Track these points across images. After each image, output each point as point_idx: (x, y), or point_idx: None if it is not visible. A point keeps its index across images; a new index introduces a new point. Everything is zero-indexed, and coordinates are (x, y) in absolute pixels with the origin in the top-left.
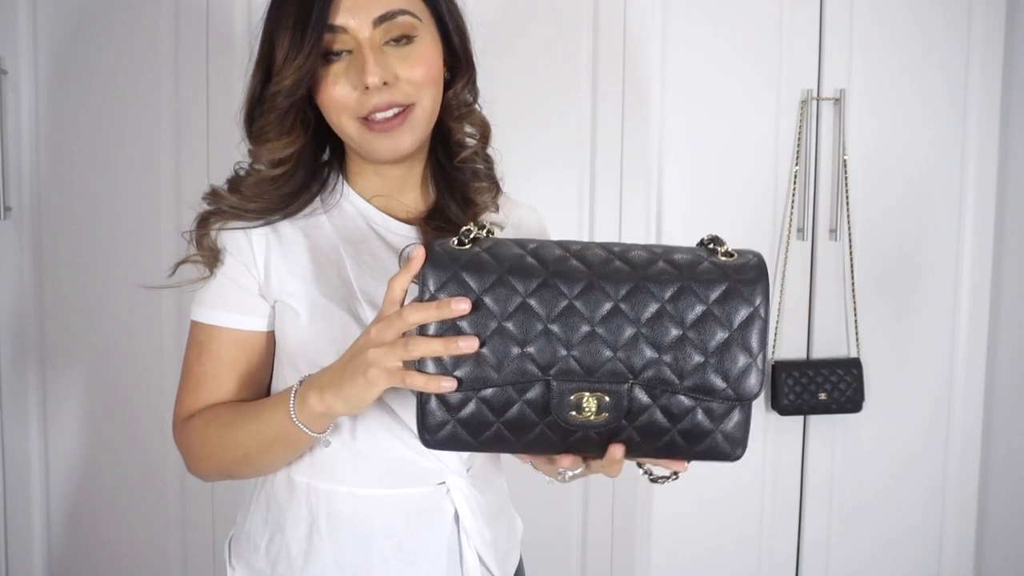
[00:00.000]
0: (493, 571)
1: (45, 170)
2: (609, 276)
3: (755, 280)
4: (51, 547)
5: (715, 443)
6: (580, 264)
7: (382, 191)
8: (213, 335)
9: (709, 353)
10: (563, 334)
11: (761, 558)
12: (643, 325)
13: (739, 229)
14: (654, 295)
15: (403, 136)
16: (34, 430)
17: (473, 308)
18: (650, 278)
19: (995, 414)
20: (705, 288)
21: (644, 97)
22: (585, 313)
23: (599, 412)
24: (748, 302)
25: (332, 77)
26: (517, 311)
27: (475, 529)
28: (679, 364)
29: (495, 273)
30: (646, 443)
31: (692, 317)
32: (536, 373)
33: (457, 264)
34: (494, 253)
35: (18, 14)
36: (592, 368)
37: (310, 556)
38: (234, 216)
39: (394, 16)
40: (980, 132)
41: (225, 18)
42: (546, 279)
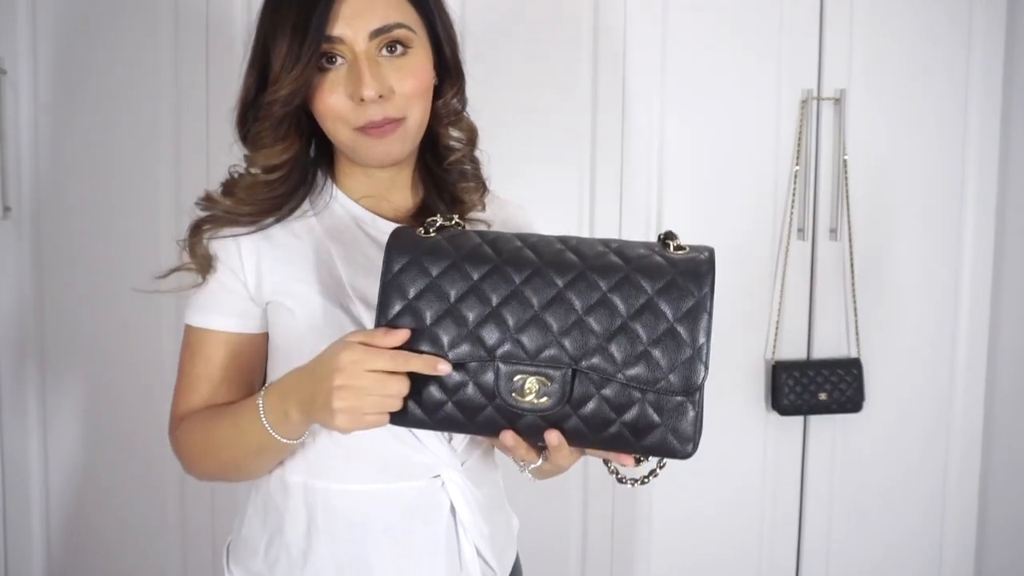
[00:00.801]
0: (492, 564)
1: (45, 170)
2: (556, 264)
3: (700, 273)
4: (50, 548)
5: (663, 438)
6: (531, 253)
7: (371, 192)
8: (205, 338)
9: (650, 343)
10: (509, 318)
11: (761, 558)
12: (585, 313)
13: (739, 229)
14: (597, 284)
15: (394, 144)
16: (33, 430)
17: (428, 290)
18: (595, 268)
19: (995, 414)
20: (649, 279)
21: (644, 97)
22: (531, 299)
23: (540, 396)
24: (691, 294)
25: (328, 86)
26: (468, 294)
27: (472, 523)
28: (619, 353)
29: (451, 258)
30: (592, 433)
31: (634, 307)
32: (483, 354)
33: (419, 249)
34: (453, 241)
35: (18, 14)
36: (534, 352)
37: (309, 555)
38: (227, 223)
39: (390, 29)
40: (980, 132)
41: (225, 18)
42: (497, 265)
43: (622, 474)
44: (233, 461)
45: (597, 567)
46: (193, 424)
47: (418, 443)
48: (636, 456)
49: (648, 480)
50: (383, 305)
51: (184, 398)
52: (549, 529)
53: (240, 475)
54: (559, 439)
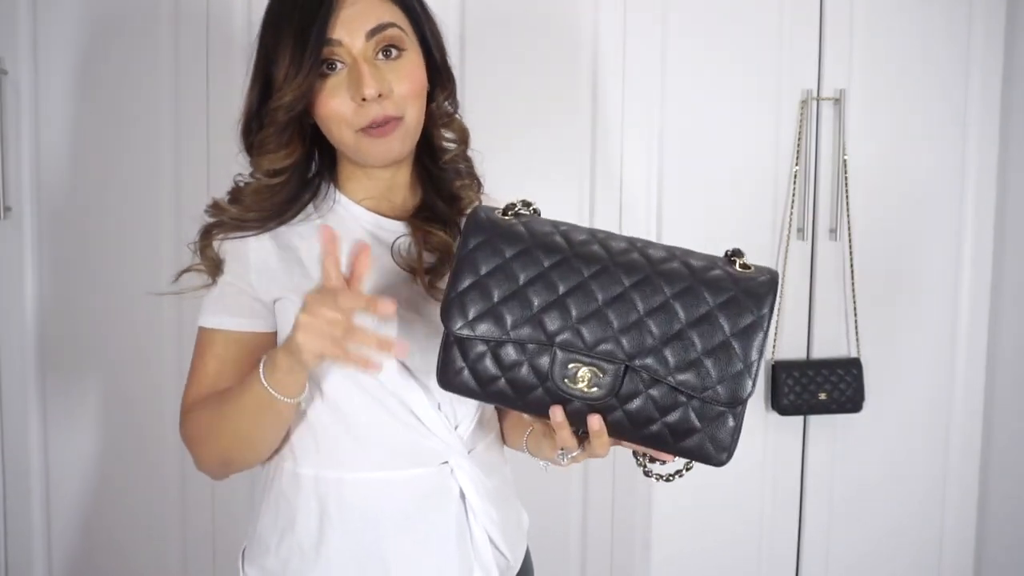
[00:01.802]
0: (504, 551)
1: (45, 170)
2: (624, 264)
3: (763, 293)
4: (51, 548)
5: (701, 443)
6: (601, 249)
7: (372, 193)
8: (215, 338)
9: (704, 352)
10: (573, 308)
11: (761, 558)
12: (646, 314)
13: (739, 229)
14: (662, 289)
15: (394, 143)
16: (34, 430)
17: (499, 270)
18: (662, 273)
19: (995, 414)
20: (712, 292)
21: (644, 97)
22: (596, 293)
23: (591, 385)
24: (751, 311)
25: (330, 91)
26: (537, 279)
27: (482, 509)
28: (674, 357)
29: (524, 243)
30: (634, 428)
31: (694, 315)
32: (542, 338)
33: (496, 230)
34: (529, 227)
35: (18, 14)
36: (592, 344)
37: (322, 546)
38: (234, 228)
39: (384, 28)
40: (980, 132)
41: (225, 19)
42: (567, 257)
43: (649, 468)
44: (236, 432)
45: (598, 565)
46: (200, 407)
47: (425, 430)
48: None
49: (674, 478)
50: (455, 277)
51: (192, 391)
52: (550, 524)
53: (246, 450)
54: (600, 424)
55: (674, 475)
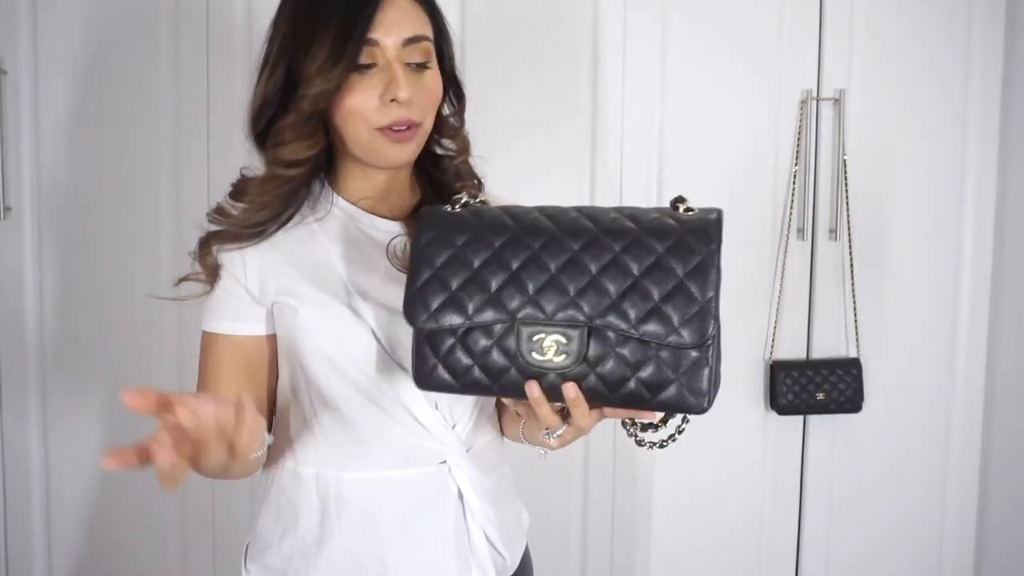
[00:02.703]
0: (501, 551)
1: (45, 170)
2: (571, 230)
3: (706, 231)
4: (51, 550)
5: (679, 393)
6: (547, 221)
7: (368, 194)
8: (216, 341)
9: (662, 299)
10: (528, 282)
11: (761, 557)
12: (599, 273)
13: (738, 228)
14: (610, 246)
15: (409, 147)
16: (34, 430)
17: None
18: (607, 231)
19: (995, 414)
20: (658, 239)
21: (644, 97)
22: (547, 263)
23: (558, 353)
24: (696, 251)
25: (358, 87)
26: (490, 261)
27: (479, 509)
28: (633, 309)
29: (473, 229)
30: (610, 390)
31: (643, 266)
32: (504, 316)
33: (444, 222)
34: (476, 214)
35: (18, 14)
36: (552, 312)
37: (323, 544)
38: (232, 237)
39: (419, 40)
40: (980, 132)
41: (225, 19)
42: (515, 233)
43: (641, 437)
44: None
45: (598, 565)
46: None
47: (423, 430)
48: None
49: (668, 443)
50: (412, 275)
51: None
52: (550, 523)
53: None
54: (576, 392)
55: (668, 440)
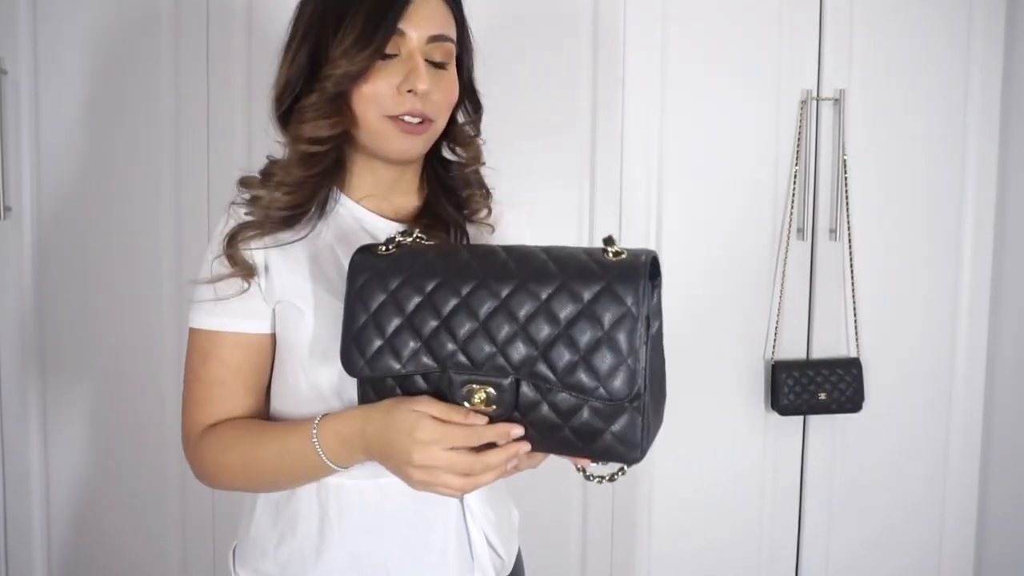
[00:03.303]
0: (500, 552)
1: (45, 170)
2: (498, 276)
3: (631, 278)
4: (51, 549)
5: (608, 443)
6: (477, 265)
7: (374, 191)
8: (217, 340)
9: (581, 352)
10: (457, 329)
11: (761, 557)
12: (522, 323)
13: (739, 229)
14: (534, 294)
15: (419, 143)
16: (34, 430)
17: (387, 303)
18: (532, 277)
19: (995, 414)
20: (582, 287)
21: (644, 97)
22: (476, 310)
23: (488, 404)
24: (620, 301)
25: (379, 73)
26: (421, 306)
27: (480, 510)
28: (553, 362)
29: (406, 273)
30: (544, 438)
31: (566, 316)
32: (432, 365)
33: (378, 265)
34: (410, 256)
35: (18, 14)
36: (478, 362)
37: (322, 551)
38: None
39: (444, 40)
40: (980, 132)
41: (225, 19)
42: (446, 278)
43: (589, 472)
44: (275, 483)
45: (598, 564)
46: (224, 443)
47: None
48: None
49: (616, 478)
50: (349, 318)
51: (199, 406)
52: (550, 523)
53: (273, 490)
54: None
55: (616, 474)
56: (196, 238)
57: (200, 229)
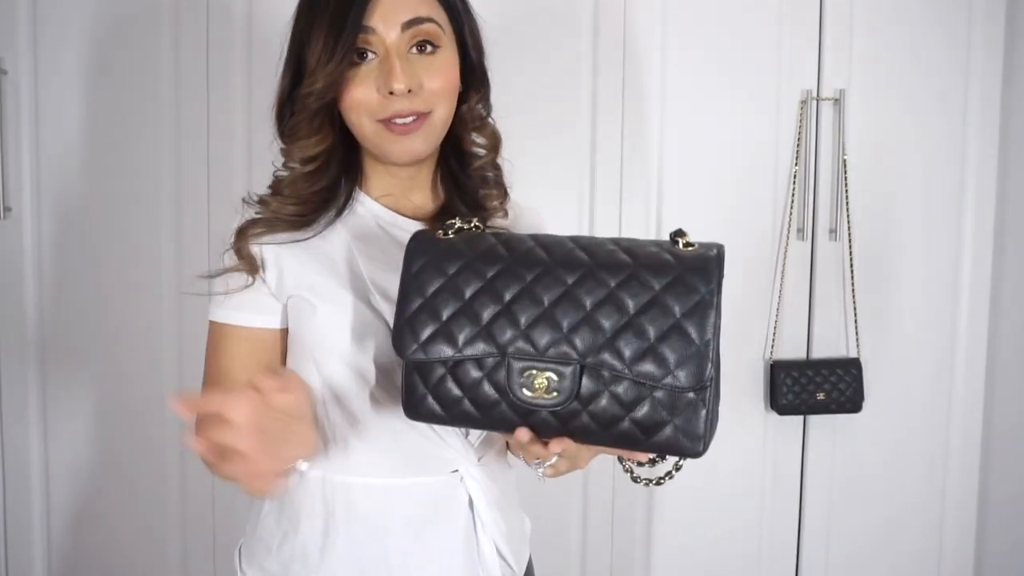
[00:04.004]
0: (509, 562)
1: (45, 170)
2: (566, 263)
3: (706, 269)
4: (51, 549)
5: (674, 436)
6: (543, 252)
7: (392, 191)
8: (228, 333)
9: (658, 338)
10: (520, 315)
11: (761, 557)
12: (593, 309)
13: (739, 229)
14: (604, 281)
15: (417, 141)
16: (34, 430)
17: (444, 288)
18: (602, 265)
19: (995, 414)
20: (655, 276)
21: (644, 97)
22: (541, 296)
23: (549, 391)
24: (695, 290)
25: (358, 79)
26: (481, 292)
27: (490, 518)
28: (627, 349)
29: (465, 258)
30: (602, 429)
31: (639, 303)
32: (492, 350)
33: (436, 250)
34: (469, 242)
35: (18, 14)
36: (544, 348)
37: (326, 551)
38: (269, 225)
39: (421, 22)
40: (980, 132)
41: (225, 19)
42: (509, 264)
43: (637, 473)
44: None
45: (598, 565)
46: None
47: (438, 438)
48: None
49: (664, 481)
50: (403, 302)
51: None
52: (550, 526)
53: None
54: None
55: (664, 478)
56: (196, 237)
57: (200, 229)
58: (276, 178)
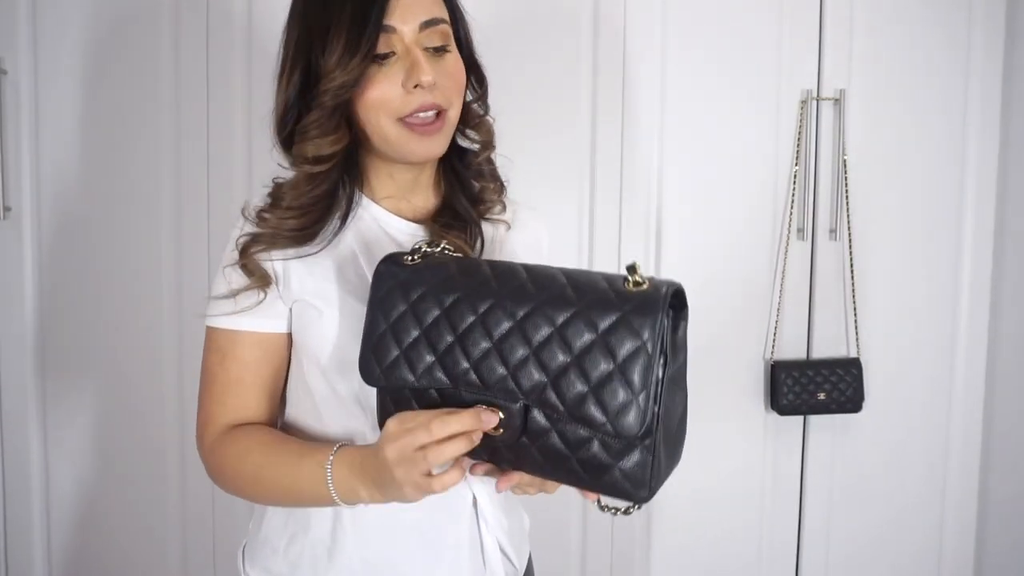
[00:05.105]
0: (512, 559)
1: (45, 170)
2: (515, 296)
3: (649, 311)
4: (51, 549)
5: (615, 479)
6: (495, 283)
7: (393, 193)
8: (236, 339)
9: (592, 384)
10: (471, 348)
11: (761, 557)
12: (535, 347)
13: (738, 229)
14: (549, 318)
15: (438, 141)
16: (34, 430)
17: (406, 315)
18: (549, 302)
19: (995, 414)
20: (599, 316)
21: (644, 97)
22: (491, 330)
23: (496, 427)
24: (636, 335)
25: (380, 77)
26: (436, 322)
27: (494, 516)
28: (563, 391)
29: (427, 285)
30: (552, 467)
31: (580, 345)
32: (444, 381)
33: (401, 275)
34: (431, 268)
35: (18, 14)
36: (489, 384)
37: (335, 553)
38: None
39: (437, 23)
40: (980, 132)
41: (225, 19)
42: (465, 294)
43: (604, 502)
44: (279, 502)
45: (598, 565)
46: (239, 451)
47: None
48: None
49: (631, 511)
50: (369, 327)
51: (217, 405)
52: (549, 526)
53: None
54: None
55: (632, 507)
56: (196, 238)
57: (200, 229)
58: (276, 184)
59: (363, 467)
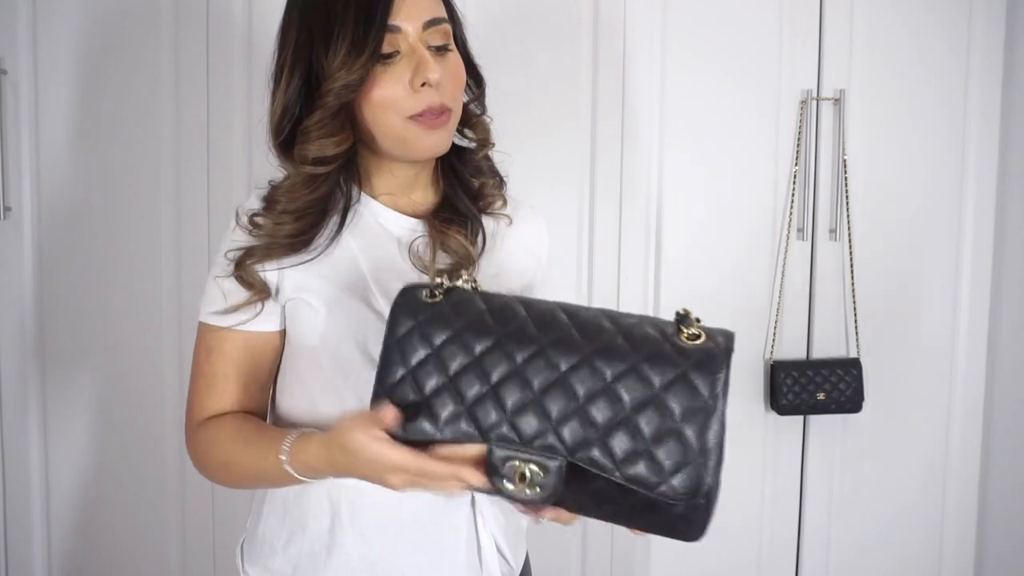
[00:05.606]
0: (508, 558)
1: (45, 170)
2: (560, 345)
3: (712, 369)
4: (51, 549)
5: (670, 522)
6: (535, 329)
7: (392, 190)
8: (223, 336)
9: (652, 441)
10: (507, 399)
11: (761, 558)
12: (584, 401)
13: (739, 229)
14: (600, 372)
15: (444, 136)
16: (34, 430)
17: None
18: (600, 353)
19: (995, 414)
20: (656, 372)
21: (644, 97)
22: (531, 380)
23: (531, 485)
24: (696, 393)
25: (386, 77)
26: (468, 368)
27: (491, 513)
28: (619, 448)
29: (453, 329)
30: (596, 506)
31: (633, 400)
32: (474, 434)
33: (423, 315)
34: (458, 309)
35: (18, 14)
36: (529, 438)
37: (333, 550)
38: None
39: (439, 23)
40: (980, 132)
41: (225, 19)
42: (499, 340)
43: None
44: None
45: (597, 564)
46: (213, 439)
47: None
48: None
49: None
50: (383, 369)
51: (201, 398)
52: (548, 529)
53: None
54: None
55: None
56: (196, 238)
57: (200, 229)
58: (271, 186)
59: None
